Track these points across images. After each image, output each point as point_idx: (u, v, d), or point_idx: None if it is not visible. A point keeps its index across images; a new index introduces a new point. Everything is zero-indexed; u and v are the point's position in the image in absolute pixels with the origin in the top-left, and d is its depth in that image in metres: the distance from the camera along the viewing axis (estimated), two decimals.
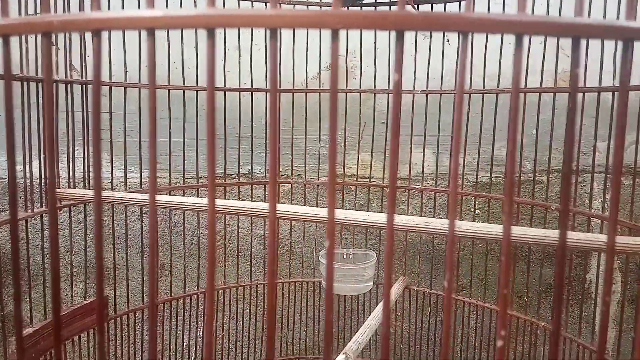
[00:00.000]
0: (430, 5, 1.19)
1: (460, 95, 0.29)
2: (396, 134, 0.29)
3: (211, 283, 0.31)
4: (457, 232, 0.71)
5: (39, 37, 0.87)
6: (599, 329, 0.31)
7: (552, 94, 1.08)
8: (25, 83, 0.84)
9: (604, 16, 1.02)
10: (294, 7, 1.21)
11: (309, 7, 1.22)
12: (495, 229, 0.70)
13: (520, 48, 0.28)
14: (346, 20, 0.26)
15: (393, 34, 1.28)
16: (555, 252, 1.34)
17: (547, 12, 1.10)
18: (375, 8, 1.22)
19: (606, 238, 0.72)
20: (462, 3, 1.18)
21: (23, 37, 0.85)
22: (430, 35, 1.24)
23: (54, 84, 0.92)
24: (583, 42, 1.09)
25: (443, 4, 1.18)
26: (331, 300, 0.31)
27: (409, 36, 1.23)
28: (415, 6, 1.18)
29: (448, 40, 1.35)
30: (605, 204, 1.26)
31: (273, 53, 0.28)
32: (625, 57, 0.29)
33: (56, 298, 0.32)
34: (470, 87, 1.17)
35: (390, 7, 1.21)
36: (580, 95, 1.06)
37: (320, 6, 1.23)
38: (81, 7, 0.97)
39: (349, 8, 1.20)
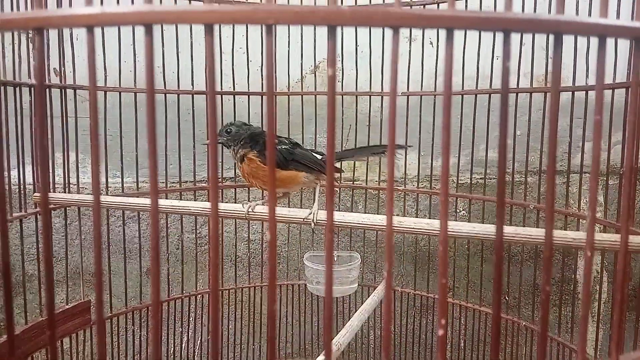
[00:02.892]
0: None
1: (393, 97, 0.29)
2: (332, 125, 0.30)
3: (157, 293, 0.31)
4: (424, 231, 0.72)
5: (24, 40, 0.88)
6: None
7: (529, 95, 1.09)
8: (2, 87, 0.85)
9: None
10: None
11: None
12: (466, 228, 0.71)
13: (451, 43, 0.29)
14: (277, 15, 0.27)
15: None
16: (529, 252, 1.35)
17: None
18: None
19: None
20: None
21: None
22: (410, 37, 1.25)
23: (31, 88, 0.92)
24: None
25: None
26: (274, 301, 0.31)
27: (390, 38, 1.24)
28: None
29: (431, 43, 1.37)
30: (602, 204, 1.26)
31: (210, 49, 0.29)
32: (556, 52, 0.30)
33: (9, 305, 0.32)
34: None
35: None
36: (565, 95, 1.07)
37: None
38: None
39: None
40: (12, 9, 0.88)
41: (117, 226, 1.33)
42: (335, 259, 1.32)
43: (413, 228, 0.72)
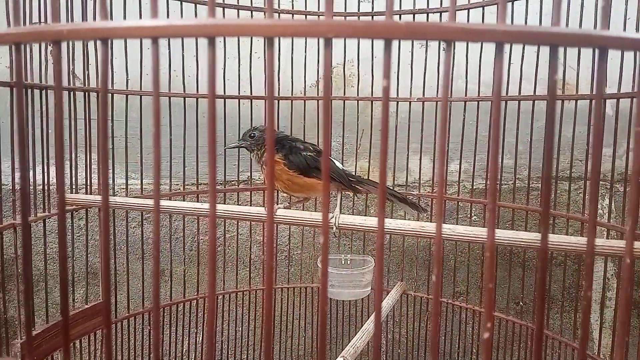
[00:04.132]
0: (412, 15, 1.21)
1: (445, 103, 0.31)
2: (385, 138, 0.31)
3: (212, 286, 0.32)
4: (446, 236, 0.73)
5: (44, 45, 0.89)
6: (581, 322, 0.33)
7: (546, 101, 1.10)
8: (29, 90, 0.86)
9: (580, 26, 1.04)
10: (292, 16, 1.24)
11: (307, 17, 1.25)
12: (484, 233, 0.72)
13: (501, 55, 0.30)
14: (337, 29, 0.28)
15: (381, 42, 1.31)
16: (541, 256, 1.36)
17: (526, 22, 1.12)
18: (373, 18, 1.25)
19: (599, 242, 0.73)
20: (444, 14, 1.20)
21: (28, 45, 0.87)
22: (427, 43, 1.26)
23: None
24: (561, 50, 1.10)
25: (425, 15, 1.21)
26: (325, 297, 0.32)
27: (406, 44, 1.25)
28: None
29: (444, 49, 1.38)
30: (602, 211, 1.27)
31: (270, 61, 0.30)
32: (600, 65, 0.31)
33: (65, 295, 0.33)
34: (466, 95, 1.19)
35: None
36: (573, 102, 1.08)
37: (319, 15, 1.25)
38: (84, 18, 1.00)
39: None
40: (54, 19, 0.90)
41: (131, 227, 1.35)
42: (349, 263, 1.33)
43: (435, 234, 0.73)
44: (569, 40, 0.29)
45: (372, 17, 1.24)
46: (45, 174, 0.92)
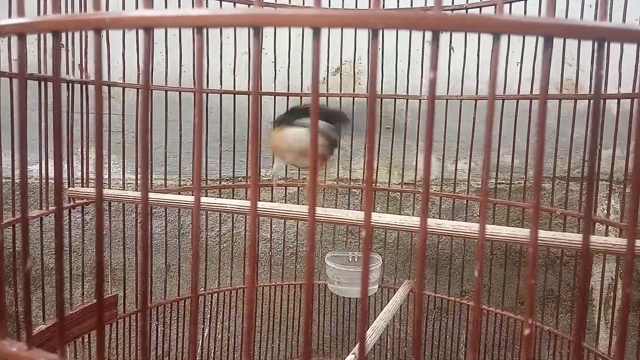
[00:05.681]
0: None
1: (492, 98, 0.30)
2: (430, 134, 0.31)
3: (252, 279, 0.32)
4: (464, 234, 0.73)
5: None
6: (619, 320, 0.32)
7: (557, 101, 1.10)
8: (42, 83, 0.86)
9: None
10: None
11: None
12: (504, 231, 0.72)
13: (548, 50, 0.29)
14: (386, 20, 0.28)
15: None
16: (560, 256, 1.35)
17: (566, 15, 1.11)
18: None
19: (613, 241, 0.73)
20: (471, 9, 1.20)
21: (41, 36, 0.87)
22: (438, 41, 1.25)
23: (68, 84, 0.94)
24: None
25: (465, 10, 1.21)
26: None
27: (417, 42, 1.25)
28: None
29: (452, 48, 1.37)
30: (609, 210, 1.27)
31: (316, 53, 0.29)
32: None
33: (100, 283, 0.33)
34: (477, 94, 1.19)
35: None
36: (584, 103, 1.08)
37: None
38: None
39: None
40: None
41: (140, 222, 1.34)
42: (356, 260, 1.33)
43: (451, 231, 0.73)
44: (617, 35, 0.29)
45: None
46: (44, 168, 0.90)
